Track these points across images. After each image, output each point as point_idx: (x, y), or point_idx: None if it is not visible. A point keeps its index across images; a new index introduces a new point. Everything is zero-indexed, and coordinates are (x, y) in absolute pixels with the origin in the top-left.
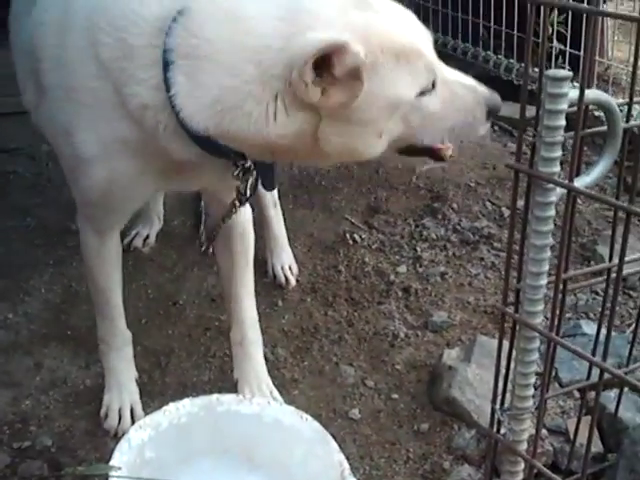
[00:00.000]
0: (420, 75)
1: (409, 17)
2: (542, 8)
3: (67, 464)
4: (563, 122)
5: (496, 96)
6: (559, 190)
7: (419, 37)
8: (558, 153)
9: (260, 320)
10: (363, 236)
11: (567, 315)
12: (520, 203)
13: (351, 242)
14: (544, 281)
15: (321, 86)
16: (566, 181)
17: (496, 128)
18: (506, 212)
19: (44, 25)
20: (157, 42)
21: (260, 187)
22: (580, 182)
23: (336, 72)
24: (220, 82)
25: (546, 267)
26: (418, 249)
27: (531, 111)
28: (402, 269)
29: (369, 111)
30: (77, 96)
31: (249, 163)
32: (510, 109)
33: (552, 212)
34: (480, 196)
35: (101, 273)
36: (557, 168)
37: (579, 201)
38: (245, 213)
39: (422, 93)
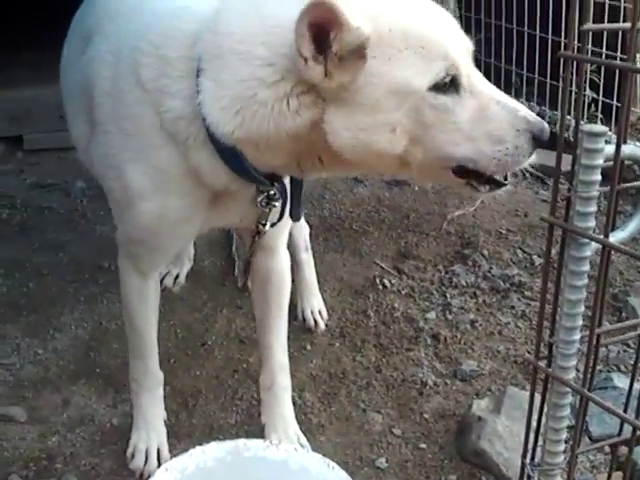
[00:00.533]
0: (434, 65)
1: (442, 14)
2: (577, 64)
3: None
4: (599, 177)
5: (541, 122)
6: (594, 245)
7: (443, 30)
8: (593, 208)
9: (289, 364)
10: (393, 281)
11: (598, 367)
12: (553, 251)
13: (381, 287)
14: (577, 336)
15: (323, 64)
16: (601, 236)
17: (527, 175)
18: (537, 260)
19: (98, 60)
20: (191, 53)
21: (293, 231)
22: (615, 237)
23: (334, 48)
24: (237, 74)
25: (580, 322)
26: (448, 296)
27: (565, 160)
28: (431, 315)
29: (373, 95)
30: (124, 125)
31: (274, 190)
32: (542, 157)
33: (587, 267)
34: (511, 243)
35: (139, 313)
36: (592, 223)
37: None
38: (283, 261)
39: (438, 89)
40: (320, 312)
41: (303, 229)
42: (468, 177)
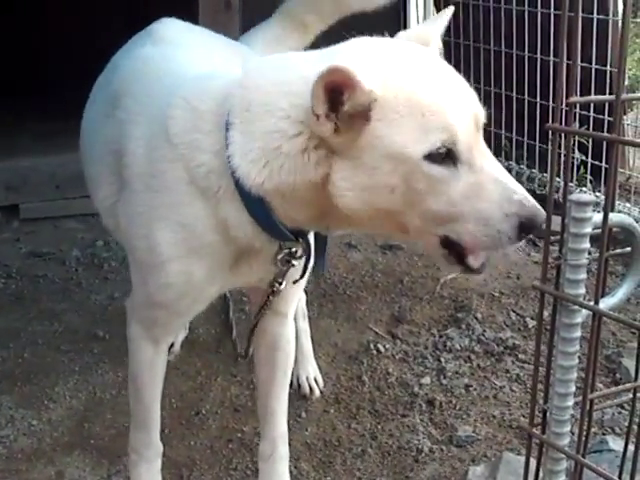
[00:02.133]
0: (431, 135)
1: (454, 82)
2: (564, 136)
3: None
4: (587, 245)
5: (536, 209)
6: (585, 311)
7: (449, 100)
8: (583, 275)
9: None
10: (387, 346)
11: (593, 430)
12: (545, 313)
13: (375, 352)
14: (571, 402)
15: (334, 122)
16: (592, 302)
17: None
18: (530, 322)
19: (129, 121)
20: (222, 109)
21: None
22: (605, 304)
23: (346, 107)
24: (263, 126)
25: (573, 388)
26: (442, 360)
27: (555, 221)
28: (426, 380)
29: (372, 156)
30: (153, 183)
31: (297, 247)
32: None
33: (578, 333)
34: (504, 306)
35: (148, 385)
36: (582, 290)
37: None
38: (291, 327)
39: (433, 159)
40: (315, 379)
41: (301, 297)
42: (452, 249)
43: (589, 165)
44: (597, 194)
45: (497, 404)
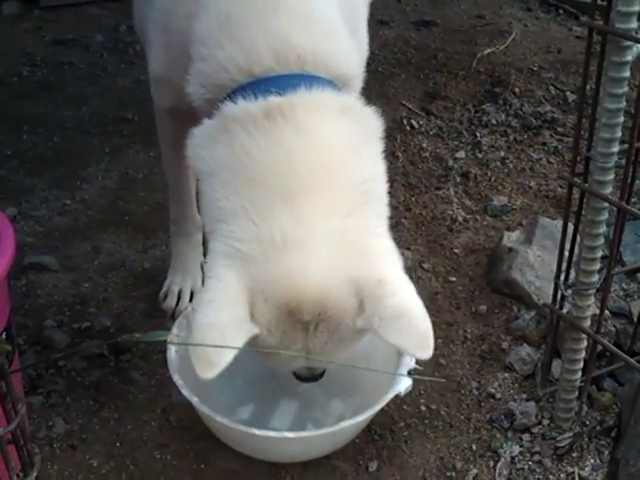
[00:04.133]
0: None
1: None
2: None
3: None
4: None
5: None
6: (635, 49)
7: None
8: (636, 7)
9: None
10: (421, 122)
11: (633, 199)
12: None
13: (408, 128)
14: (616, 148)
15: None
16: None
17: (561, 11)
18: (570, 97)
19: None
20: None
21: None
22: None
23: None
24: None
25: (619, 133)
26: (478, 135)
27: None
28: (461, 155)
29: None
30: None
31: None
32: None
33: (627, 73)
34: (543, 80)
35: (175, 159)
36: (634, 24)
37: None
38: None
39: None
40: None
41: None
42: None
43: None
44: None
45: (534, 176)
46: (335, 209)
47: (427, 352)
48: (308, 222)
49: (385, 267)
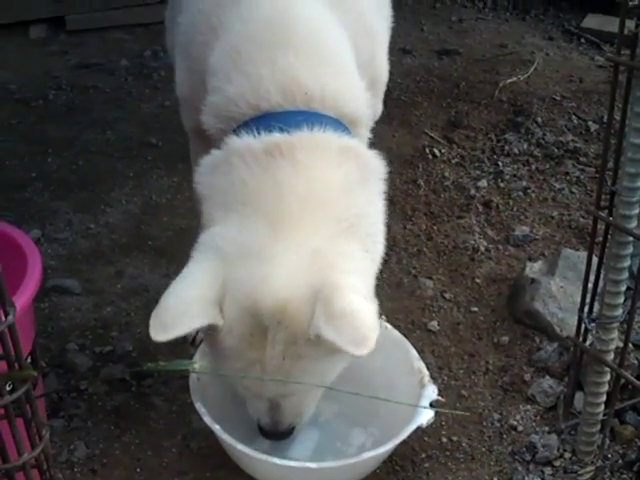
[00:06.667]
0: None
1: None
2: None
3: None
4: None
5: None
6: None
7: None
8: None
9: None
10: (443, 151)
11: None
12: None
13: (430, 157)
14: None
15: None
16: None
17: (582, 41)
18: (593, 126)
19: None
20: None
21: None
22: None
23: None
24: None
25: None
26: (500, 164)
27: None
28: (483, 184)
29: None
30: None
31: None
32: (597, 21)
33: None
34: (566, 110)
35: None
36: None
37: None
38: None
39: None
40: None
41: None
42: None
43: None
44: None
45: (556, 205)
46: (314, 235)
47: (362, 350)
48: (285, 241)
49: (346, 280)
